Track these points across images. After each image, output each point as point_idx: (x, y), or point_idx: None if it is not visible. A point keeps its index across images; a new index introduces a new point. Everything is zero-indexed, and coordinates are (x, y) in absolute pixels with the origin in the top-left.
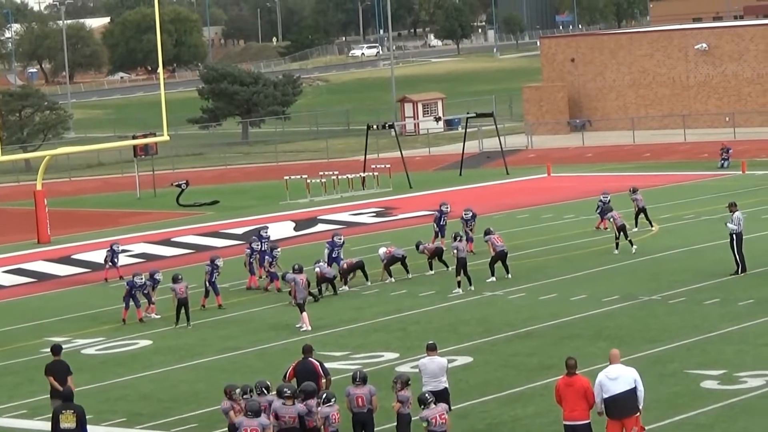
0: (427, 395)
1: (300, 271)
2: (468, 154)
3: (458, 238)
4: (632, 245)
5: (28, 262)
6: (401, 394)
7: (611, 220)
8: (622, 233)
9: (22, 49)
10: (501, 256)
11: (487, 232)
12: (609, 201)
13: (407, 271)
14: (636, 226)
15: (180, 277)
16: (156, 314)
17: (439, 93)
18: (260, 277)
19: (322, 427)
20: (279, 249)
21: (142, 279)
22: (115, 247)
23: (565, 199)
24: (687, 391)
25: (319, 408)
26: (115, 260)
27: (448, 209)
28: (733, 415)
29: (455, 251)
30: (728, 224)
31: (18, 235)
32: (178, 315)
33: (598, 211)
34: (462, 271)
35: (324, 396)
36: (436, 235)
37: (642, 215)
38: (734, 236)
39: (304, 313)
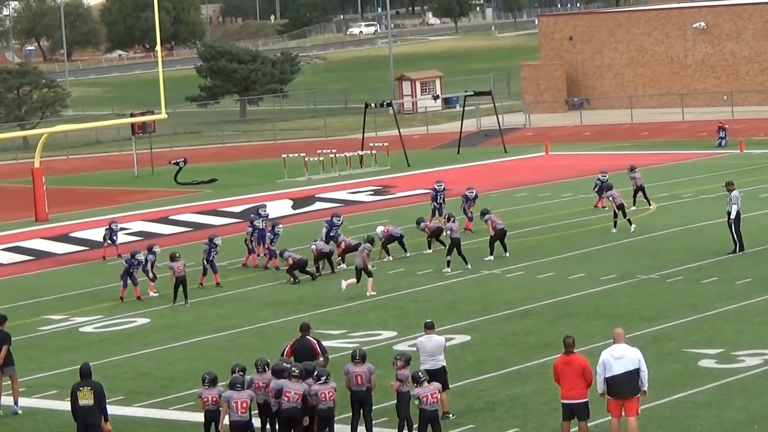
0: (420, 373)
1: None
2: (466, 133)
3: (452, 219)
4: (631, 224)
5: (26, 240)
6: (401, 372)
7: (610, 198)
8: (620, 212)
9: (20, 26)
10: (501, 235)
11: (485, 212)
12: (607, 179)
13: (405, 250)
14: (634, 205)
15: (178, 255)
16: (155, 292)
17: (437, 71)
18: (259, 255)
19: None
20: (281, 226)
21: (141, 256)
22: (113, 225)
23: (562, 177)
24: (684, 370)
25: (312, 386)
26: (114, 238)
27: (442, 187)
28: (731, 393)
29: (449, 232)
30: (728, 206)
31: (16, 213)
32: (176, 293)
33: (596, 189)
34: (457, 251)
35: (316, 374)
36: (433, 213)
37: (640, 194)
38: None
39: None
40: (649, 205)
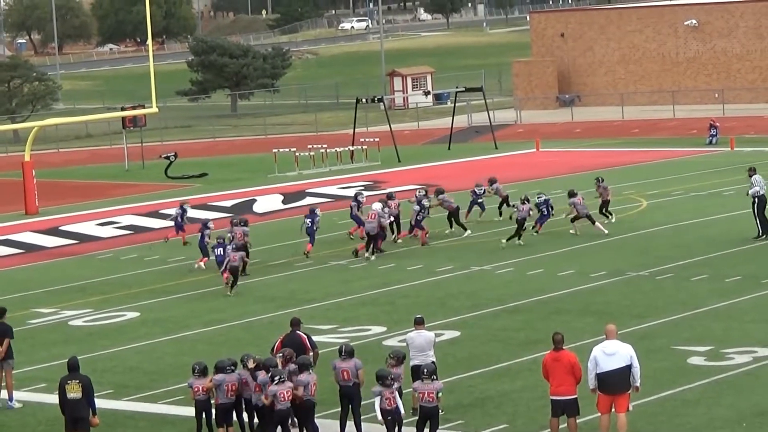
0: (425, 370)
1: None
2: (457, 129)
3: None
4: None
5: (16, 233)
6: (393, 371)
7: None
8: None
9: (11, 19)
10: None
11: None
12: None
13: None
14: (607, 216)
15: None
16: (204, 265)
17: (428, 67)
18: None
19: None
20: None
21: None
22: (185, 206)
23: (553, 174)
24: (674, 367)
25: (269, 387)
26: (183, 220)
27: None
28: (720, 391)
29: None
30: (750, 190)
31: (6, 206)
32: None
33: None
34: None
35: (271, 374)
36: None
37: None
38: (757, 200)
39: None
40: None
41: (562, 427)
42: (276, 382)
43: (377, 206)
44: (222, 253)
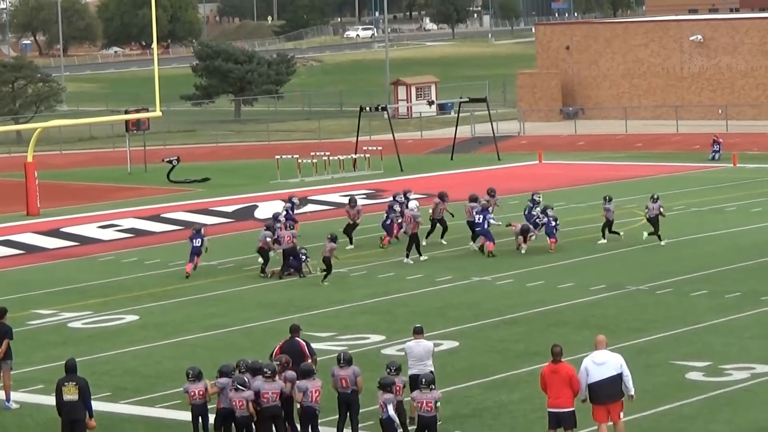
0: (424, 379)
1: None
2: (460, 139)
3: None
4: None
5: (17, 234)
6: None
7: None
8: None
9: (16, 20)
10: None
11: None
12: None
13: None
14: (603, 238)
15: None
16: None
17: (432, 77)
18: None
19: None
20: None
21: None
22: (294, 199)
23: (555, 186)
24: (672, 382)
25: (229, 393)
26: (290, 213)
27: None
28: (718, 407)
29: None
30: None
31: (7, 207)
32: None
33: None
34: (609, 229)
35: (232, 381)
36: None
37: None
38: None
39: None
40: (617, 234)
41: None
42: (235, 388)
43: (413, 205)
44: (200, 243)
